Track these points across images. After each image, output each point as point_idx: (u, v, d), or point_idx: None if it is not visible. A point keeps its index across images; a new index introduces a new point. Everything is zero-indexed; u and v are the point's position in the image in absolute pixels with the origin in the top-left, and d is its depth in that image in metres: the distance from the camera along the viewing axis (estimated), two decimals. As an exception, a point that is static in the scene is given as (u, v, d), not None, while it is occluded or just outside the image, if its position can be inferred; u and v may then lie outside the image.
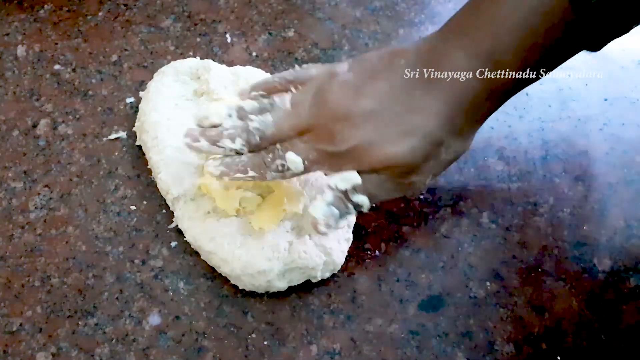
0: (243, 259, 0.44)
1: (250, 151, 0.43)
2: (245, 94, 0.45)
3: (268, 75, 0.51)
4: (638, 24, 0.37)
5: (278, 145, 0.42)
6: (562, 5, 0.36)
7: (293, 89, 0.44)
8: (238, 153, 0.43)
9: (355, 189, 0.41)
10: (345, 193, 0.41)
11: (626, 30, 0.37)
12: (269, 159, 0.42)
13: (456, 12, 0.40)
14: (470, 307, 0.46)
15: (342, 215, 0.42)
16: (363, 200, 0.41)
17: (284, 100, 0.43)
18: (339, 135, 0.40)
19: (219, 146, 0.42)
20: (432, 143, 0.40)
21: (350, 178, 0.41)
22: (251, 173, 0.42)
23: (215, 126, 0.43)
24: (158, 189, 0.48)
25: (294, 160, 0.41)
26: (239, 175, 0.42)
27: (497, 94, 0.40)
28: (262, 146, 0.42)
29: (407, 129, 0.40)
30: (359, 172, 0.41)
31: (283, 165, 0.42)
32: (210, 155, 0.45)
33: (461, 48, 0.39)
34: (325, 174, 0.45)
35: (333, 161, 0.41)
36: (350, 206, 0.42)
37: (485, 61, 0.38)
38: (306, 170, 0.42)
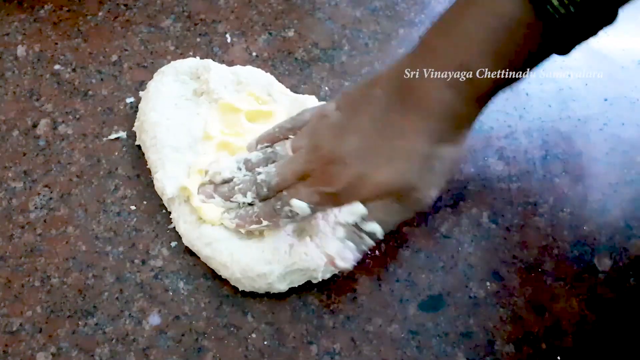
0: (242, 262, 0.44)
1: (261, 201, 0.45)
2: (252, 148, 0.48)
3: (268, 75, 0.52)
4: (603, 28, 0.38)
5: (284, 192, 0.44)
6: (528, 17, 0.36)
7: (292, 136, 0.46)
8: (250, 204, 0.45)
9: (364, 219, 0.42)
10: (356, 225, 0.43)
11: (593, 34, 0.38)
12: (278, 207, 0.44)
13: (425, 33, 0.41)
14: (470, 307, 0.46)
15: (359, 246, 0.43)
16: (375, 227, 0.43)
17: (285, 148, 0.46)
18: (333, 177, 0.42)
19: (232, 201, 0.45)
20: (419, 160, 0.41)
21: (356, 210, 0.42)
22: (264, 222, 0.44)
23: (226, 180, 0.46)
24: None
25: (299, 206, 0.43)
26: (254, 226, 0.45)
27: (475, 101, 0.40)
28: (270, 195, 0.45)
29: (392, 154, 0.41)
30: (363, 203, 0.42)
31: (291, 211, 0.43)
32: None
33: (433, 65, 0.39)
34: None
35: (334, 200, 0.43)
36: (365, 236, 0.43)
37: (458, 74, 0.39)
38: (313, 211, 0.44)
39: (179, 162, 0.48)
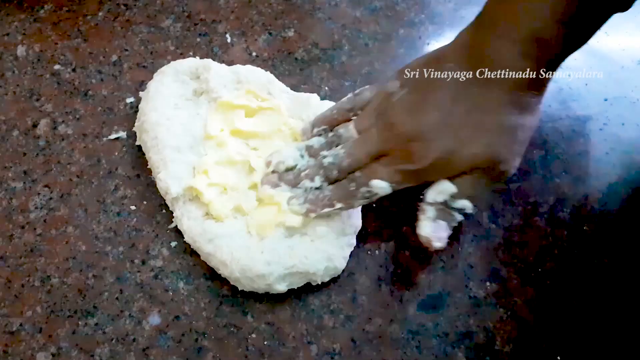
0: (242, 262, 0.44)
1: (330, 184, 0.45)
2: (308, 132, 0.47)
3: (268, 73, 0.52)
4: None
5: (357, 174, 0.44)
6: None
7: (353, 117, 0.45)
8: (317, 188, 0.45)
9: (453, 196, 0.42)
10: (445, 203, 0.43)
11: None
12: (353, 188, 0.44)
13: (484, 5, 0.40)
14: (470, 307, 0.46)
15: (450, 223, 0.43)
16: (464, 204, 0.43)
17: (348, 130, 0.45)
18: (417, 154, 0.42)
19: (298, 187, 0.45)
20: (506, 132, 0.41)
21: (444, 189, 0.42)
22: (338, 205, 0.44)
23: (289, 168, 0.46)
24: (158, 189, 0.48)
25: (381, 186, 0.43)
26: (326, 209, 0.44)
27: (548, 65, 0.40)
28: (340, 178, 0.45)
29: (478, 128, 0.40)
30: (450, 179, 0.42)
31: (369, 192, 0.43)
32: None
33: (503, 36, 0.39)
34: None
35: (417, 178, 0.43)
36: (455, 213, 0.43)
37: (529, 42, 0.38)
38: (393, 190, 0.43)
39: (181, 162, 0.48)
